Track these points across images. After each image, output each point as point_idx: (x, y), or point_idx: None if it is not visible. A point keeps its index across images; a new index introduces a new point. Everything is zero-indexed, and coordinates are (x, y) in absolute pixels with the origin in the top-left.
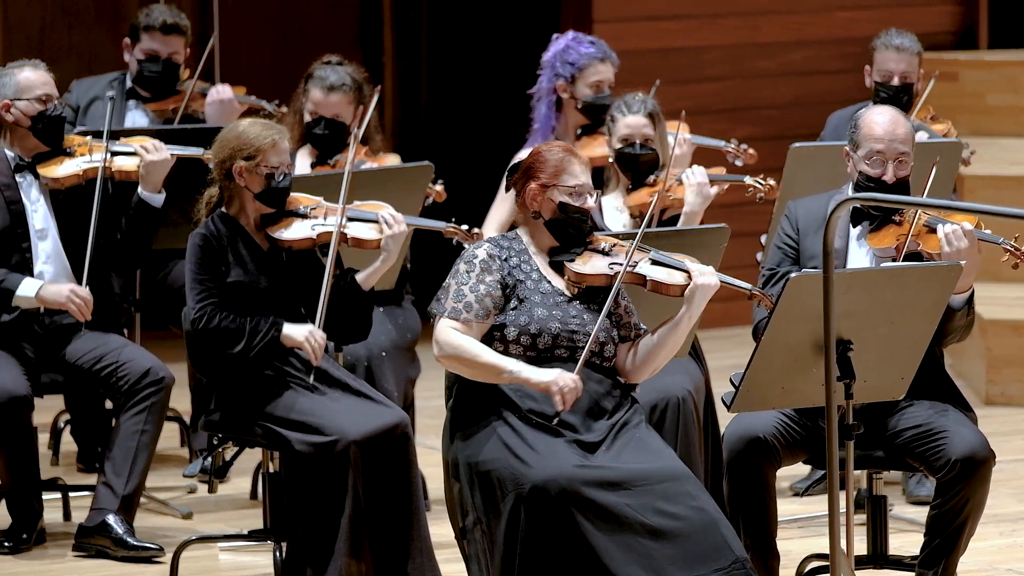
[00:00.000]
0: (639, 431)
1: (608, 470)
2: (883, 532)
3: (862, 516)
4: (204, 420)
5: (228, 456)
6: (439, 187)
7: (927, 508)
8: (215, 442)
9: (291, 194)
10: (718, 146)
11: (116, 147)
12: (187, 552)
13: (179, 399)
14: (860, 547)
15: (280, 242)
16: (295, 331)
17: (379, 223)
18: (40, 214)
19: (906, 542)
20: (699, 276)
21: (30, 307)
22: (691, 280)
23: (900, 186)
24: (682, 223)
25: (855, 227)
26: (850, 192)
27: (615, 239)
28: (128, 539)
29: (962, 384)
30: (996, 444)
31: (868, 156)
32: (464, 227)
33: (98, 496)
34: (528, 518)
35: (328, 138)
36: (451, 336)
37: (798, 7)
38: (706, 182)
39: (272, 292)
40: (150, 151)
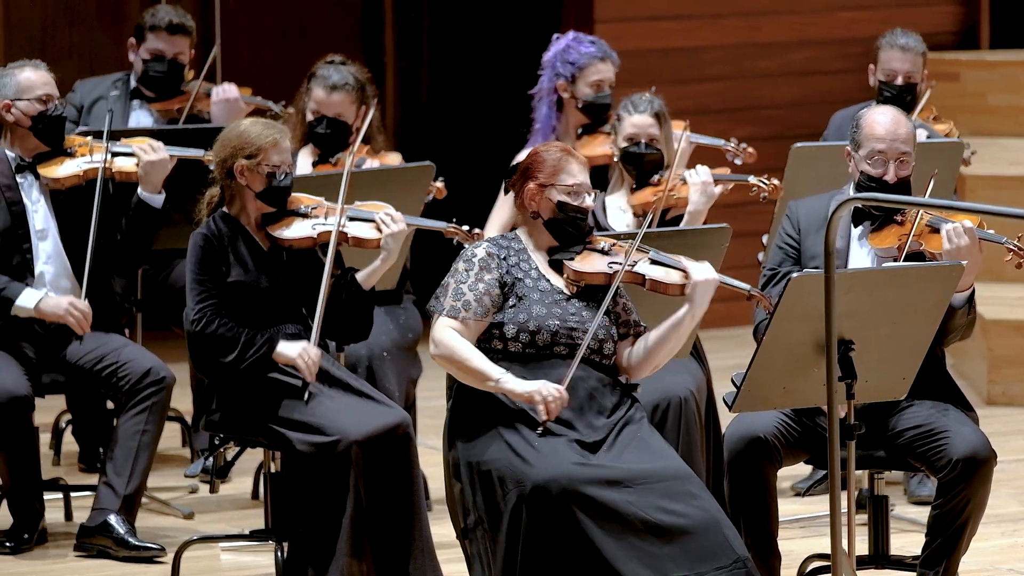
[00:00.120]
0: (641, 431)
1: (609, 469)
2: (884, 532)
3: (863, 516)
4: (205, 420)
5: (229, 456)
6: (440, 184)
7: (928, 508)
8: (216, 442)
9: (292, 194)
10: (717, 145)
11: (116, 147)
12: (188, 552)
13: (180, 399)
14: (861, 547)
15: (281, 241)
16: (289, 349)
17: (379, 222)
18: (41, 214)
19: (907, 542)
20: (697, 273)
21: (27, 316)
22: (689, 278)
23: (902, 186)
24: (686, 222)
25: (856, 227)
26: (852, 192)
27: (614, 239)
28: (129, 539)
29: (964, 384)
30: (997, 444)
31: (870, 156)
32: (465, 227)
33: (99, 496)
34: (530, 517)
35: (330, 137)
36: (447, 336)
37: (799, 7)
38: (710, 181)
39: (273, 291)
40: (148, 151)
